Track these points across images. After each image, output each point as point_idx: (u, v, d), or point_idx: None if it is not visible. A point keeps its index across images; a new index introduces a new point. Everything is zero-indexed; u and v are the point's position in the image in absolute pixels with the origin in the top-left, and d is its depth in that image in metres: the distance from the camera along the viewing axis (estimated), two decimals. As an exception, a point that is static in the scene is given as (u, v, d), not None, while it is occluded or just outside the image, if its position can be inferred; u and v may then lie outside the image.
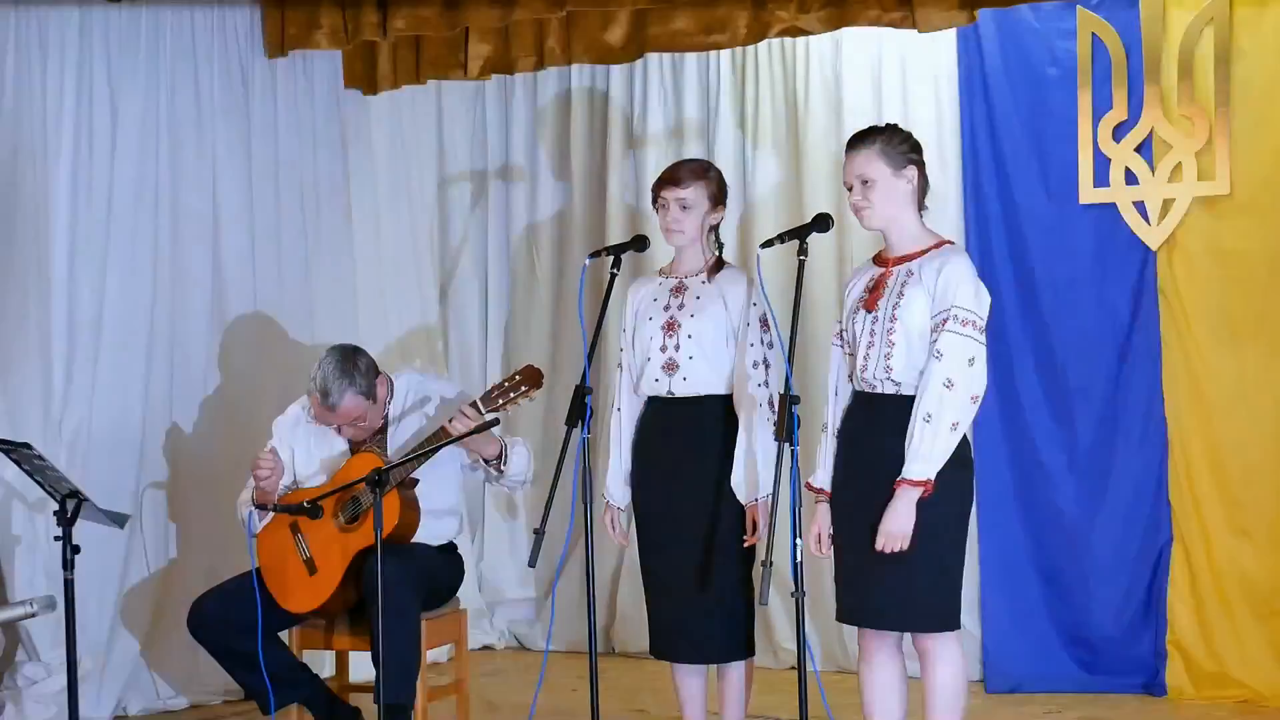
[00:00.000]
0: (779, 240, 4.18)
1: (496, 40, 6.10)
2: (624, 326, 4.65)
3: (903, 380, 3.99)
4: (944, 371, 3.89)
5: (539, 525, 4.11)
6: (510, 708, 5.90)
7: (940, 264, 4.01)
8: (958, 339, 3.92)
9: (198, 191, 6.11)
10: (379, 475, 4.22)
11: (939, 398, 3.89)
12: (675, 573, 4.45)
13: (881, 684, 4.13)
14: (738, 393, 4.40)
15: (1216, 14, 5.57)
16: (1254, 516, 5.58)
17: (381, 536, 4.60)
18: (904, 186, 4.09)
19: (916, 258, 4.07)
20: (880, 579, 4.00)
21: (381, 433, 4.95)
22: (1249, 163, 5.55)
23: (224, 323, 6.17)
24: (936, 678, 4.05)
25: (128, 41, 5.91)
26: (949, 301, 3.95)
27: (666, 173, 4.54)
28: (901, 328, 4.00)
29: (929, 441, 3.88)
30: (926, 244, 4.10)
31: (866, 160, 4.10)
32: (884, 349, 4.01)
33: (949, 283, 3.96)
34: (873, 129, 4.20)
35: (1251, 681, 5.55)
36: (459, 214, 7.32)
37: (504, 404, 4.64)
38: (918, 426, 3.89)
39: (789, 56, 6.45)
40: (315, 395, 4.79)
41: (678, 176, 4.48)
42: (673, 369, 4.44)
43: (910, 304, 4.00)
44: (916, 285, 4.01)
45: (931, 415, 3.88)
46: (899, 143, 4.11)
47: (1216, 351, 5.63)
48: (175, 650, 5.89)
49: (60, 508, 4.37)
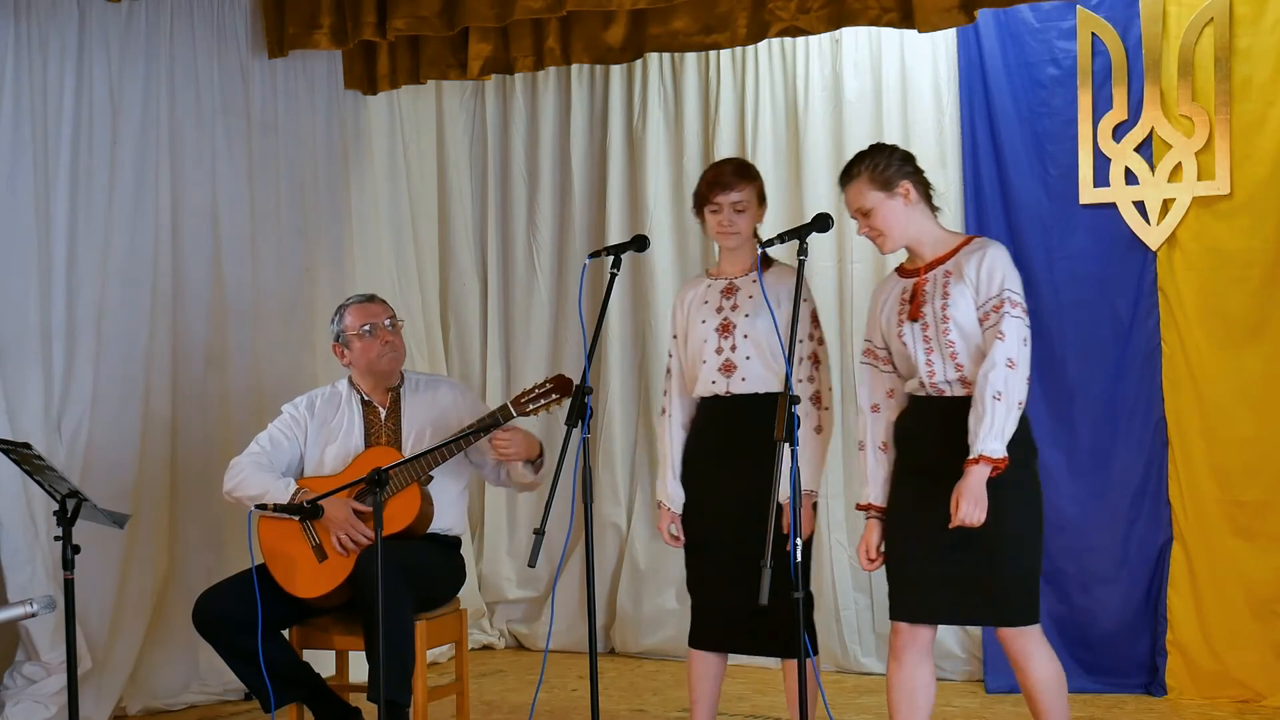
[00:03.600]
0: (779, 240, 4.18)
1: (496, 40, 6.10)
2: (673, 332, 4.64)
3: (971, 376, 4.01)
4: (1006, 351, 3.94)
5: (539, 525, 4.11)
6: (510, 708, 5.90)
7: (980, 255, 4.05)
8: (1016, 321, 3.97)
9: (198, 191, 6.11)
10: (379, 475, 4.22)
11: (1005, 377, 3.92)
12: (730, 570, 4.40)
13: (913, 683, 4.15)
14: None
15: (1216, 14, 5.58)
16: (1254, 516, 5.58)
17: (397, 529, 4.66)
18: (902, 203, 4.11)
19: (948, 258, 4.10)
20: (961, 573, 4.01)
21: (395, 412, 4.99)
22: (1249, 163, 5.55)
23: (224, 322, 6.17)
24: (1036, 674, 4.06)
25: (128, 41, 5.91)
26: (1000, 286, 3.99)
27: (713, 176, 4.52)
28: (955, 327, 4.03)
29: (1001, 418, 3.91)
30: (954, 243, 4.14)
31: (858, 192, 4.14)
32: (945, 351, 4.04)
33: (994, 270, 4.01)
34: (857, 157, 4.20)
35: (1251, 681, 5.55)
36: (459, 214, 7.32)
37: (533, 410, 4.72)
38: (988, 405, 3.90)
39: (789, 56, 6.46)
40: (350, 304, 5.02)
41: (729, 181, 4.48)
42: (730, 370, 4.45)
43: (957, 302, 4.03)
44: (958, 282, 4.04)
45: (1001, 393, 3.91)
46: (884, 164, 4.12)
47: (1216, 351, 5.63)
48: (175, 650, 5.89)
49: (60, 508, 4.36)
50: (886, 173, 4.11)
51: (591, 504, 4.22)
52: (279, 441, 4.99)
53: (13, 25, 5.57)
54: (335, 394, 5.09)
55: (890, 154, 4.16)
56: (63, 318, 5.70)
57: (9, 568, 5.46)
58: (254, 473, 4.87)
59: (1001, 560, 4.00)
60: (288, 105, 6.44)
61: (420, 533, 4.84)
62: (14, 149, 5.56)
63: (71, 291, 5.73)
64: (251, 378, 6.21)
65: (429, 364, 6.99)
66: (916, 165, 4.20)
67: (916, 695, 4.16)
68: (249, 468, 4.90)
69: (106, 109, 5.84)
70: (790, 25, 5.48)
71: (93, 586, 5.53)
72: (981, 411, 3.91)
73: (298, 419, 5.04)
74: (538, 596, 7.13)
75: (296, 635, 4.94)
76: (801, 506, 4.30)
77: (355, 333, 4.97)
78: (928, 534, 4.05)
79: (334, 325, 5.05)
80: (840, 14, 5.37)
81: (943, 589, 4.06)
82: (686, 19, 5.76)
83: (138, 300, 5.90)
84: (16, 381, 5.54)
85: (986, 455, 3.90)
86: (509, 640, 7.20)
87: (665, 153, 6.82)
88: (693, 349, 4.53)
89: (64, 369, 5.70)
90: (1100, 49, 5.78)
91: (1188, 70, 5.63)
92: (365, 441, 4.97)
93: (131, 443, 5.84)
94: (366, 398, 5.03)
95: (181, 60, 6.07)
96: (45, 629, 5.44)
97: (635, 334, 6.92)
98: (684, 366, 4.59)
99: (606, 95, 6.95)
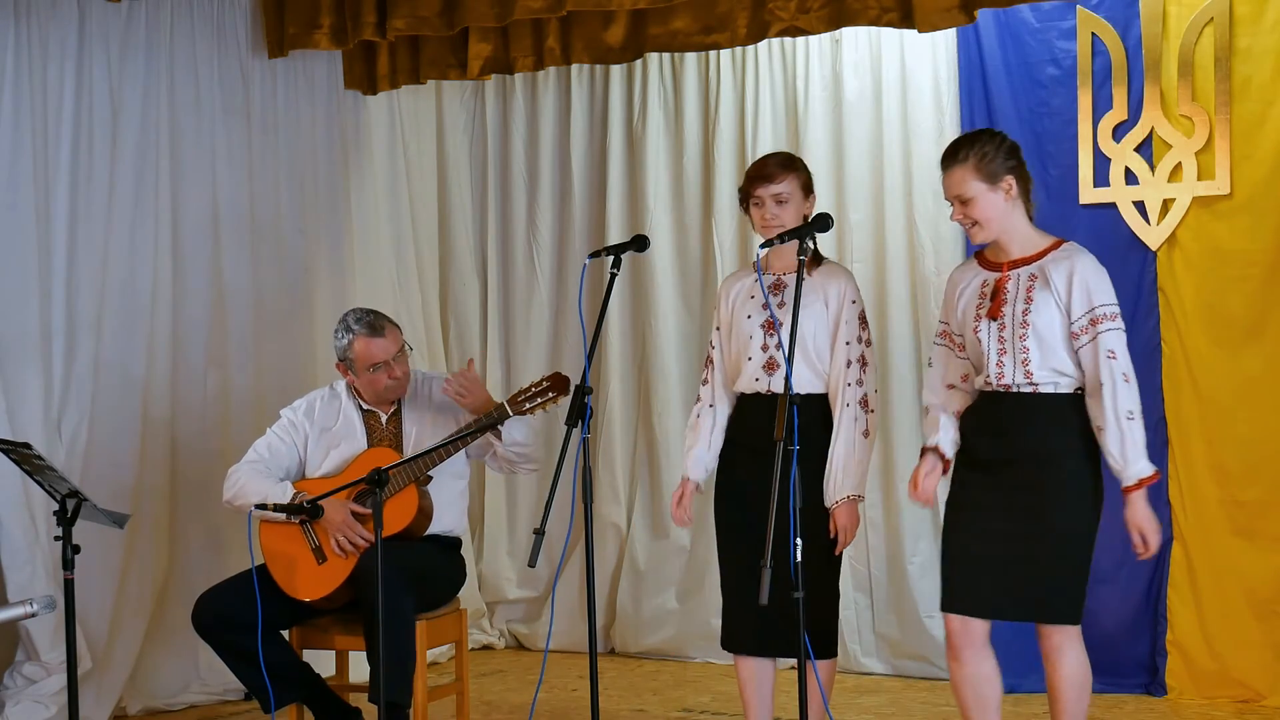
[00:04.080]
0: (779, 240, 4.17)
1: (496, 40, 6.10)
2: (716, 323, 4.57)
3: (1040, 380, 4.02)
4: (1121, 367, 3.96)
5: (539, 525, 4.11)
6: (510, 708, 5.90)
7: (1069, 267, 4.02)
8: (1118, 334, 3.99)
9: (198, 191, 6.11)
10: (379, 475, 4.22)
11: (1129, 394, 3.95)
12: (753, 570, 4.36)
13: (977, 679, 4.15)
14: (830, 391, 4.36)
15: (1216, 14, 5.58)
16: (1254, 516, 5.58)
17: (395, 530, 4.65)
18: (1004, 197, 4.07)
19: (1034, 260, 4.08)
20: (1013, 571, 4.03)
21: (396, 414, 4.99)
22: (1249, 163, 5.55)
23: (224, 322, 6.17)
24: (1066, 670, 4.08)
25: (128, 41, 5.91)
26: (1096, 300, 3.98)
27: (755, 170, 4.46)
28: (1034, 334, 4.01)
29: (1139, 436, 3.94)
30: (1042, 245, 4.11)
31: (961, 180, 4.09)
32: (1018, 355, 4.03)
33: (1087, 283, 3.99)
34: (963, 141, 4.14)
35: (1251, 681, 5.55)
36: (459, 214, 7.32)
37: (530, 409, 4.71)
38: (1124, 425, 3.93)
39: (789, 56, 6.46)
40: (358, 334, 4.89)
41: (769, 173, 4.40)
42: (773, 368, 4.37)
43: (1040, 309, 4.01)
44: (1044, 289, 4.02)
45: (1133, 412, 3.94)
46: (992, 155, 4.06)
47: (1216, 351, 5.63)
48: (175, 650, 5.89)
49: (60, 508, 4.36)
50: (993, 164, 4.06)
51: (591, 504, 4.21)
52: (277, 448, 4.98)
53: (13, 25, 5.57)
54: (334, 397, 5.07)
55: (999, 144, 4.09)
56: (63, 318, 5.70)
57: (9, 568, 5.46)
58: (252, 479, 4.86)
59: (1056, 557, 4.02)
60: (288, 105, 6.44)
61: (419, 534, 4.84)
62: (14, 149, 5.56)
63: (71, 291, 5.73)
64: (251, 378, 6.21)
65: (429, 364, 6.99)
66: (1021, 158, 4.13)
67: (983, 690, 4.16)
68: (247, 475, 4.89)
69: (106, 109, 5.83)
70: (790, 25, 5.48)
71: (93, 586, 5.53)
72: (1120, 433, 3.93)
73: (296, 424, 5.02)
74: (538, 596, 7.13)
75: (296, 635, 4.94)
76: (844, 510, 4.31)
77: (363, 367, 4.92)
78: (986, 529, 4.07)
79: (339, 344, 4.96)
80: (840, 14, 5.37)
81: (996, 583, 4.07)
82: (686, 19, 5.75)
83: (138, 300, 5.90)
84: (16, 381, 5.54)
85: (1144, 477, 3.97)
86: (509, 640, 7.20)
87: (665, 153, 6.82)
88: (737, 344, 4.46)
89: (64, 369, 5.70)
90: (1100, 49, 5.78)
91: (1188, 70, 5.63)
92: (369, 445, 4.97)
93: (131, 443, 5.84)
94: (367, 407, 5.02)
95: (181, 60, 6.07)
96: (45, 629, 5.44)
97: (635, 334, 6.92)
98: (726, 359, 4.51)
99: (606, 95, 6.95)
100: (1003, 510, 4.03)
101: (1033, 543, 4.01)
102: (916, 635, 6.20)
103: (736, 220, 6.60)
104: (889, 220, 6.25)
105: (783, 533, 3.79)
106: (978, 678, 4.15)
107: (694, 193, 6.75)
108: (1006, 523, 4.03)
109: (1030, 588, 4.04)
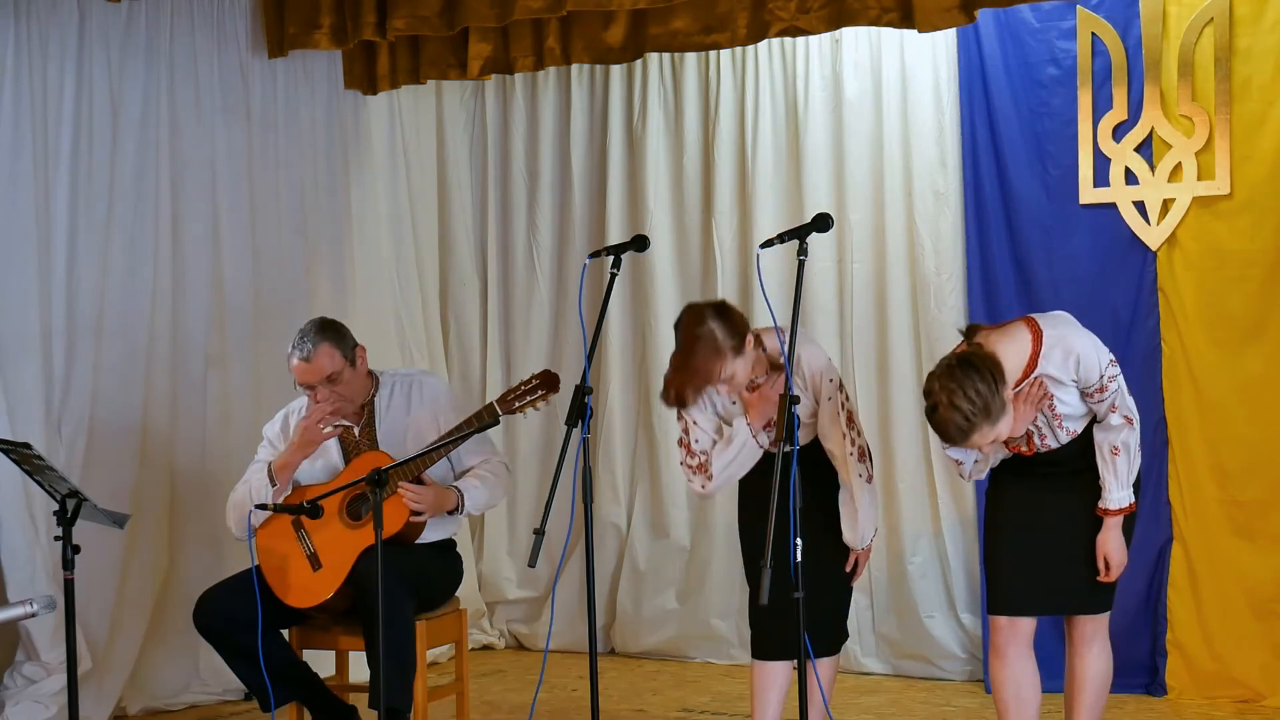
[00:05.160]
0: (779, 240, 4.16)
1: (496, 40, 6.10)
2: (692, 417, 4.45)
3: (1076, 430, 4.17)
4: (1123, 412, 4.10)
5: (539, 525, 4.11)
6: (510, 708, 5.90)
7: (1061, 354, 4.04)
8: (1120, 384, 4.10)
9: (198, 191, 6.11)
10: (379, 475, 4.22)
11: (1126, 434, 4.08)
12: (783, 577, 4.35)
13: (1019, 680, 4.23)
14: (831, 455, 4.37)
15: (1216, 14, 5.57)
16: (1254, 516, 5.58)
17: (385, 536, 4.62)
18: (1008, 414, 3.97)
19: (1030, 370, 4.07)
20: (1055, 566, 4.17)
21: (369, 425, 4.96)
22: (1249, 163, 5.55)
23: (224, 322, 6.17)
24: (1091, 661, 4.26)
25: (128, 41, 5.91)
26: (1097, 372, 4.06)
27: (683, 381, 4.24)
28: (1065, 415, 4.13)
29: (1124, 470, 4.10)
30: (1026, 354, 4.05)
31: (982, 436, 3.96)
32: (1058, 434, 4.16)
33: (1081, 361, 4.05)
34: (954, 407, 3.92)
35: (1251, 681, 5.55)
36: (459, 214, 7.32)
37: (519, 407, 4.70)
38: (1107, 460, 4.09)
39: (789, 56, 6.46)
40: (292, 355, 4.81)
41: (698, 380, 4.22)
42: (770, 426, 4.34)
43: (1062, 399, 4.10)
44: (1056, 386, 4.09)
45: (1118, 448, 4.09)
46: (987, 397, 3.92)
47: (1216, 351, 5.63)
48: (175, 650, 5.89)
49: (60, 508, 4.36)
50: (991, 403, 3.92)
51: (591, 504, 4.21)
52: None
53: (13, 25, 5.57)
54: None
55: (978, 394, 3.91)
56: (63, 318, 5.70)
57: (9, 568, 5.46)
58: (247, 500, 4.83)
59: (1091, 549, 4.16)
60: (288, 105, 6.44)
61: (413, 538, 4.81)
62: (14, 149, 5.56)
63: (71, 291, 5.73)
64: (251, 378, 6.21)
65: (429, 364, 6.99)
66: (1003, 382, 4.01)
67: (1024, 691, 4.24)
68: (242, 499, 4.87)
69: (106, 109, 5.83)
70: (790, 25, 5.48)
71: (93, 586, 5.53)
72: (1110, 463, 4.10)
73: (275, 442, 5.00)
74: (538, 596, 7.12)
75: (296, 635, 4.94)
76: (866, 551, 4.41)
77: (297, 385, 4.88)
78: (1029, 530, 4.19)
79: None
80: (840, 14, 5.37)
81: (1040, 581, 4.19)
82: (686, 19, 5.75)
83: (138, 300, 5.90)
84: (16, 381, 5.54)
85: (1120, 508, 4.12)
86: (509, 640, 7.20)
87: (665, 153, 6.81)
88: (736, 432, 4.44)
89: (64, 369, 5.70)
90: (1100, 49, 5.78)
91: (1188, 70, 5.63)
92: (344, 459, 4.93)
93: (131, 443, 5.84)
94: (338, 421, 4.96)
95: (181, 60, 6.07)
96: (45, 629, 5.44)
97: (635, 334, 6.92)
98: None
99: (606, 95, 6.95)
100: (1040, 509, 4.18)
101: (1069, 539, 4.16)
102: (916, 635, 6.20)
103: (736, 220, 6.60)
104: (889, 220, 6.25)
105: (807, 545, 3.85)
106: (1020, 678, 4.24)
107: (694, 193, 6.75)
108: (1044, 519, 4.17)
109: (1070, 582, 4.19)
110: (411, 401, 4.97)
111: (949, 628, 6.16)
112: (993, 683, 4.31)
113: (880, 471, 6.19)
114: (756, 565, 4.40)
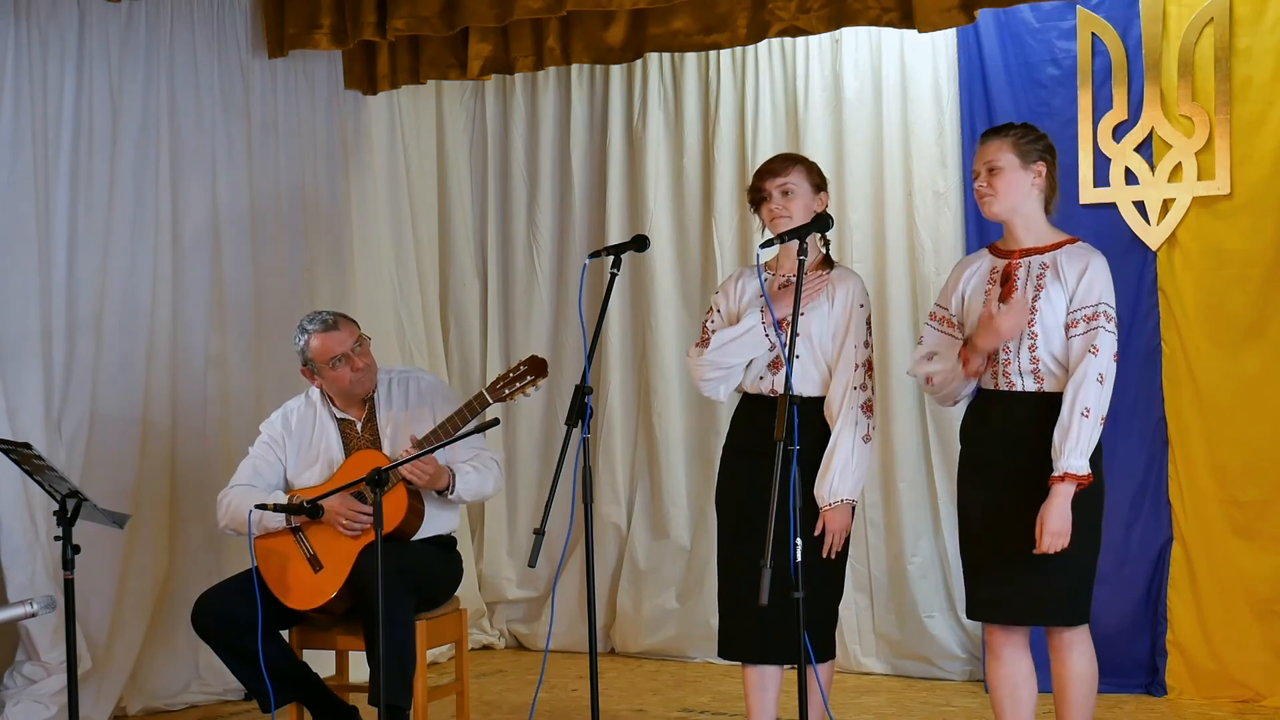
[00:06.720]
0: (779, 240, 4.17)
1: (496, 40, 6.10)
2: (718, 307, 4.49)
3: (1045, 376, 4.06)
4: (1099, 367, 3.98)
5: (539, 525, 4.11)
6: (510, 708, 5.90)
7: (1084, 262, 4.06)
8: (1110, 336, 4.01)
9: (198, 191, 6.11)
10: (379, 475, 4.22)
11: (1096, 393, 3.97)
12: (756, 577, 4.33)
13: (1014, 679, 4.19)
14: (830, 393, 4.34)
15: (1216, 14, 5.58)
16: (1254, 516, 5.58)
17: (389, 530, 4.64)
18: (1031, 180, 4.14)
19: (1047, 251, 4.11)
20: (1019, 575, 4.07)
21: (370, 420, 4.96)
22: (1249, 163, 5.55)
23: (224, 323, 6.17)
24: (1073, 668, 4.13)
25: (128, 41, 5.91)
26: (1097, 297, 4.01)
27: (762, 167, 4.47)
28: (1040, 321, 4.05)
29: (1087, 434, 3.97)
30: (1057, 239, 4.15)
31: (997, 149, 4.16)
32: (1025, 339, 4.06)
33: (1095, 279, 4.03)
34: (1009, 124, 4.24)
35: (1251, 681, 5.55)
36: (459, 214, 7.32)
37: (509, 394, 4.71)
38: (1075, 420, 3.96)
39: (789, 56, 6.46)
40: (313, 332, 4.87)
41: (774, 166, 4.42)
42: (778, 367, 4.35)
43: (1049, 296, 4.05)
44: (1055, 281, 4.06)
45: (1090, 410, 3.96)
46: (1034, 139, 4.17)
47: (1216, 351, 5.63)
48: (175, 650, 5.90)
49: (60, 508, 4.36)
50: (1032, 146, 4.15)
51: (591, 504, 4.21)
52: (261, 468, 4.96)
53: (13, 25, 5.57)
54: (310, 406, 5.02)
55: (1042, 137, 4.20)
56: (63, 318, 5.70)
57: (9, 568, 5.46)
58: (243, 498, 4.83)
59: (1062, 559, 4.03)
60: (288, 105, 6.44)
61: (411, 534, 4.82)
62: (14, 149, 5.56)
63: (71, 291, 5.73)
64: (251, 378, 6.21)
65: (429, 364, 6.99)
66: (1055, 160, 4.22)
67: (1019, 690, 4.21)
68: (237, 496, 4.87)
69: (106, 109, 5.83)
70: (790, 25, 5.48)
71: (93, 586, 5.53)
72: (1068, 426, 3.97)
73: (276, 439, 5.00)
74: (538, 596, 7.13)
75: (296, 635, 4.94)
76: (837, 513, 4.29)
77: (323, 363, 4.90)
78: (996, 538, 4.12)
79: (298, 348, 4.94)
80: (840, 14, 5.37)
81: (1014, 590, 4.12)
82: (686, 19, 5.75)
83: (138, 300, 5.90)
84: (16, 381, 5.54)
85: (1072, 473, 3.96)
86: (509, 640, 7.20)
87: (665, 153, 6.81)
88: None
89: (64, 369, 5.70)
90: (1100, 49, 5.78)
91: (1188, 70, 5.63)
92: (346, 455, 4.94)
93: (131, 443, 5.84)
94: (340, 414, 4.98)
95: (181, 60, 6.07)
96: (45, 629, 5.44)
97: (635, 334, 6.92)
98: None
99: (606, 95, 6.95)
100: (1011, 516, 4.07)
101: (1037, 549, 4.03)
102: (916, 635, 6.20)
103: (736, 220, 6.60)
104: (889, 220, 6.25)
105: (783, 534, 3.78)
106: (1015, 678, 4.20)
107: (694, 193, 6.75)
108: (1015, 528, 4.05)
109: (1040, 592, 4.08)
110: (409, 397, 4.99)
111: (949, 628, 6.16)
112: (989, 682, 4.30)
113: (880, 471, 6.22)
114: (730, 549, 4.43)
